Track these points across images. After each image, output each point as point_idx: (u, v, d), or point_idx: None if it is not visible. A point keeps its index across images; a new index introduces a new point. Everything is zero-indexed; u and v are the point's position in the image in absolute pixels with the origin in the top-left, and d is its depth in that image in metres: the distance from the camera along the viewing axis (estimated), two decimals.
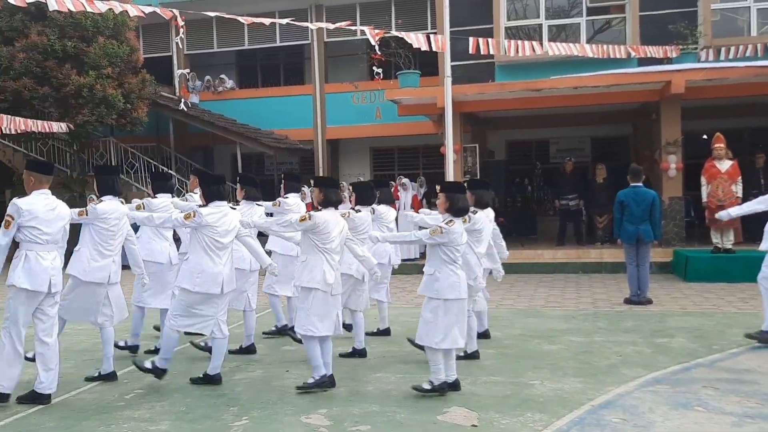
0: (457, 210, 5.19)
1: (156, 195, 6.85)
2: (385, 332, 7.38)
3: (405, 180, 14.40)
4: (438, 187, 5.59)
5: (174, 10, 7.53)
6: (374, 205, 6.97)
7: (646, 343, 6.70)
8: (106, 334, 5.79)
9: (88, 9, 7.01)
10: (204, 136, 17.58)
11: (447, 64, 12.11)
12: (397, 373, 5.85)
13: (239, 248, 6.07)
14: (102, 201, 5.78)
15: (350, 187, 7.13)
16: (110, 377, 5.79)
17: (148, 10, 7.29)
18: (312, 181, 6.18)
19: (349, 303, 6.28)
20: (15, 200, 5.01)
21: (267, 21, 7.64)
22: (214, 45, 17.96)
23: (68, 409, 5.07)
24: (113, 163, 16.30)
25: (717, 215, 7.86)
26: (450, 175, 12.43)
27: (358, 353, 6.42)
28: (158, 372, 5.57)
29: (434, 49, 8.64)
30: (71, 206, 5.60)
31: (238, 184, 6.99)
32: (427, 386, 5.14)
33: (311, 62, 17.52)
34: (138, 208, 6.43)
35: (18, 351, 5.04)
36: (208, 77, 18.11)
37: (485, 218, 5.93)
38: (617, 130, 15.86)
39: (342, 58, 18.12)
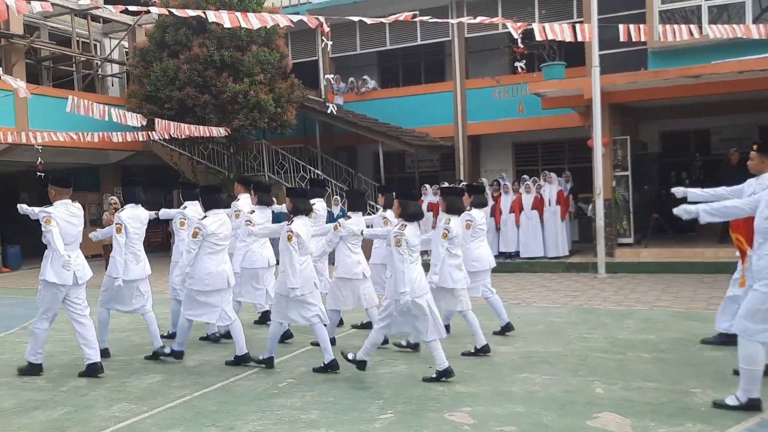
0: (409, 215, 5.62)
1: (185, 203, 7.62)
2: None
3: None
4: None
5: (320, 17, 7.80)
6: (382, 211, 7.57)
7: None
8: (148, 318, 6.76)
9: (243, 24, 7.45)
10: (348, 136, 18.12)
11: (595, 54, 11.59)
12: (543, 374, 5.68)
13: (262, 248, 7.20)
14: (124, 209, 6.76)
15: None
16: (157, 354, 6.62)
17: (296, 18, 7.61)
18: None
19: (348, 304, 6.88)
20: (44, 208, 5.99)
21: (410, 14, 7.71)
22: (357, 47, 18.45)
23: (228, 394, 5.43)
24: (264, 164, 17.30)
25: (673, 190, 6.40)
26: (598, 169, 11.90)
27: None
28: (177, 354, 6.47)
29: (581, 39, 8.27)
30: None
31: (252, 191, 7.60)
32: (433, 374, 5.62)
33: (452, 59, 17.49)
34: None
35: (48, 331, 6.15)
36: (351, 79, 18.64)
37: (458, 224, 6.28)
38: None
39: (483, 53, 17.92)
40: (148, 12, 7.98)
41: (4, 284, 14.07)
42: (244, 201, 7.64)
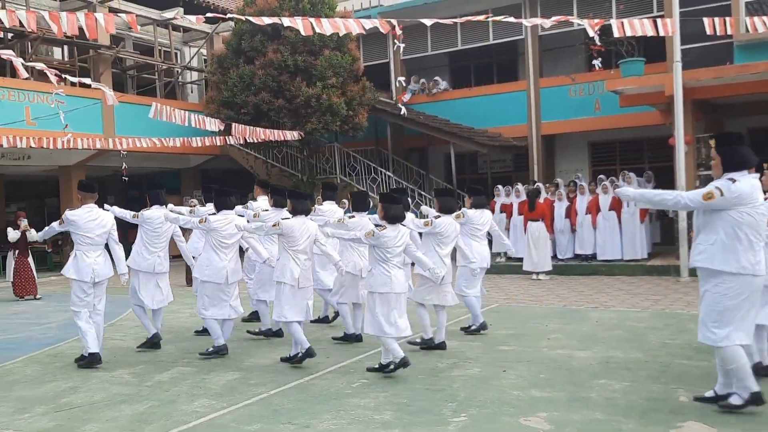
0: (391, 217, 5.94)
1: (206, 204, 8.25)
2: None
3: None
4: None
5: (392, 20, 7.83)
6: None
7: None
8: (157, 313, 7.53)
9: (317, 30, 7.59)
10: (419, 138, 18.11)
11: (676, 48, 11.16)
12: (623, 380, 5.50)
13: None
14: (150, 209, 7.42)
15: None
16: (154, 339, 7.33)
17: (368, 24, 7.66)
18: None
19: (350, 297, 7.24)
20: (66, 211, 6.72)
21: (482, 17, 7.63)
22: (428, 48, 18.41)
23: (303, 393, 5.52)
24: (336, 166, 17.52)
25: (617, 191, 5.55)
26: (681, 169, 11.44)
27: (353, 338, 7.30)
28: (220, 350, 6.91)
29: (662, 33, 7.96)
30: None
31: (268, 194, 7.89)
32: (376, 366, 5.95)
33: (525, 57, 17.20)
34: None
35: (88, 324, 6.62)
36: (423, 80, 18.63)
37: (450, 223, 6.71)
38: None
39: (557, 50, 17.54)
40: (227, 20, 8.23)
41: None
42: (261, 202, 8.13)
